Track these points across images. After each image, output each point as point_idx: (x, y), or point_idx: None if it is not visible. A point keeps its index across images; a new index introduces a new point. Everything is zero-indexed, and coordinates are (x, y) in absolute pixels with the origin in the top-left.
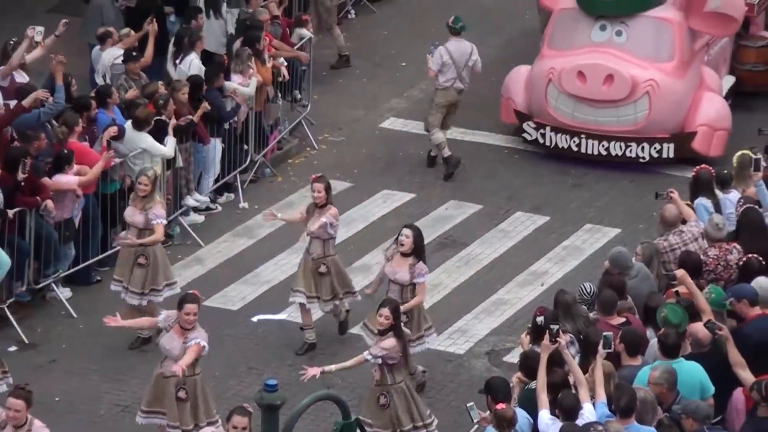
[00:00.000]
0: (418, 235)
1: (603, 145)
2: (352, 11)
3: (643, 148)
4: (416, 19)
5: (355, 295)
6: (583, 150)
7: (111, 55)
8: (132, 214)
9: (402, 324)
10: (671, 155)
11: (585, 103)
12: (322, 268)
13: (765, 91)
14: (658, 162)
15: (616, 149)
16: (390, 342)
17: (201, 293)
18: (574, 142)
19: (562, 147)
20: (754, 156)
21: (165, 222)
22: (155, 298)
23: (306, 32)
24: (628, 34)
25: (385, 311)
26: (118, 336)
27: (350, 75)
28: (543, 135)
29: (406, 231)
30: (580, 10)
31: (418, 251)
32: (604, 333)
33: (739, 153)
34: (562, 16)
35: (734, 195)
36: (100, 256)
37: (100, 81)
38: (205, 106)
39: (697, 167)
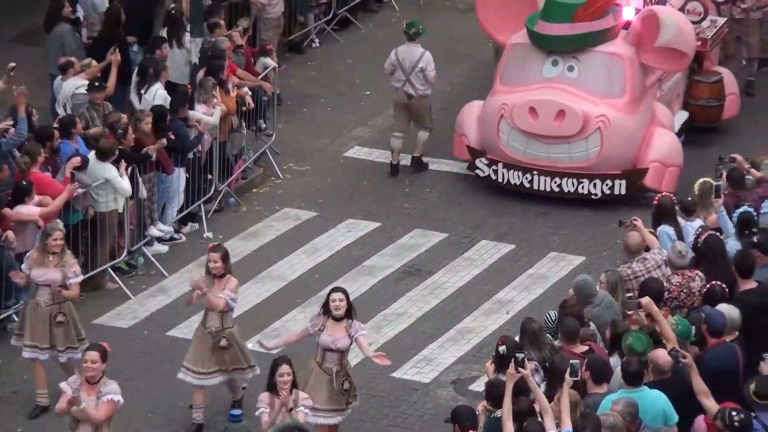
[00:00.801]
0: (348, 297)
1: (555, 182)
2: (316, 40)
3: (595, 184)
4: (380, 49)
5: (254, 369)
6: (535, 187)
7: (72, 85)
8: (44, 273)
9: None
10: (623, 192)
11: (537, 140)
12: (223, 342)
13: (718, 126)
14: (610, 199)
15: (568, 186)
16: None
17: (166, 323)
18: (527, 178)
19: (515, 183)
20: (714, 183)
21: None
22: (74, 355)
23: (270, 61)
24: (580, 69)
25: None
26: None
27: (314, 104)
28: (495, 171)
29: (338, 295)
30: (532, 45)
31: (350, 311)
32: (571, 361)
33: (701, 181)
34: (514, 52)
35: (697, 223)
36: None
37: (61, 111)
38: (162, 142)
39: (660, 195)
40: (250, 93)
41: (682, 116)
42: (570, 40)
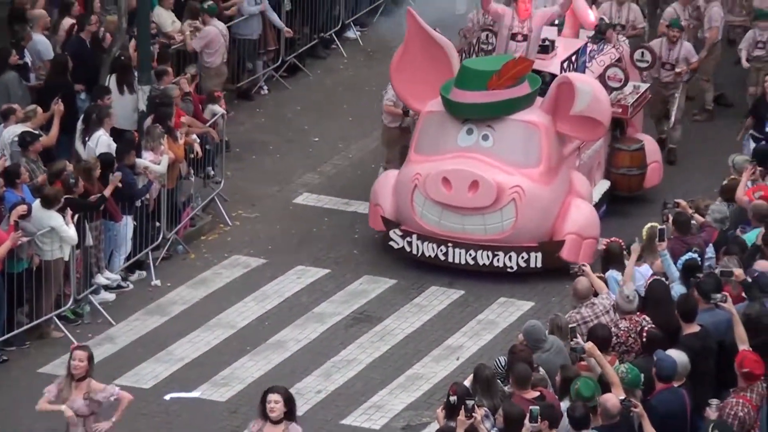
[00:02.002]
0: (289, 398)
1: (470, 254)
2: (265, 87)
3: (510, 257)
4: (328, 96)
5: None
6: (450, 259)
7: (12, 132)
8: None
9: None
10: (539, 265)
11: (451, 211)
12: None
13: (640, 195)
14: (527, 272)
15: (483, 258)
16: None
17: (113, 372)
18: (441, 250)
19: (429, 256)
20: (659, 227)
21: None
22: None
23: (218, 108)
24: (495, 138)
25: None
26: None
27: (263, 151)
28: (410, 243)
29: (274, 396)
30: (446, 113)
31: (290, 413)
32: (531, 407)
33: (648, 225)
34: (428, 120)
35: (645, 268)
36: (6, 336)
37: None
38: (116, 180)
39: (608, 240)
40: (198, 141)
41: (604, 185)
42: (484, 108)
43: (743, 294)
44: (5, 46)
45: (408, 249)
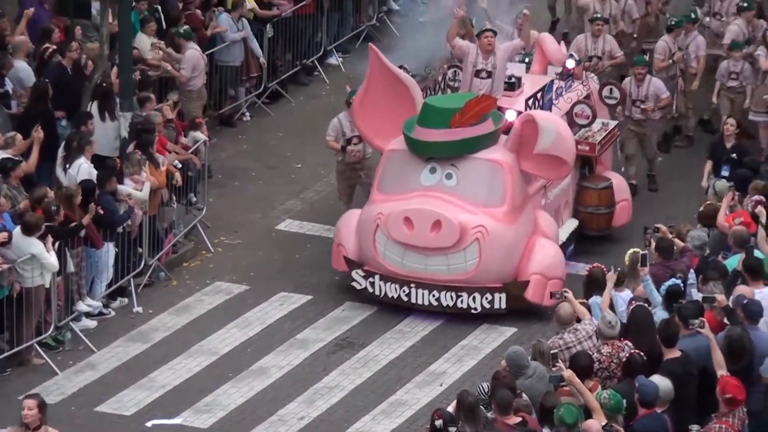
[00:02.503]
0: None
1: (433, 295)
2: (247, 113)
3: (474, 298)
4: (311, 122)
5: None
6: (413, 300)
7: None
8: None
9: None
10: (503, 306)
11: (414, 251)
12: None
13: (608, 234)
14: (491, 313)
15: (446, 299)
16: None
17: (94, 399)
18: (404, 291)
19: (392, 297)
20: (641, 252)
21: None
22: None
23: (200, 135)
24: (458, 177)
25: None
26: None
27: (246, 177)
28: (372, 284)
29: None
30: (409, 151)
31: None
32: None
33: (631, 251)
34: (391, 158)
35: (626, 293)
36: None
37: None
38: (92, 209)
39: (590, 266)
40: (180, 166)
41: (572, 224)
42: (447, 147)
43: (725, 320)
44: None
45: (370, 290)
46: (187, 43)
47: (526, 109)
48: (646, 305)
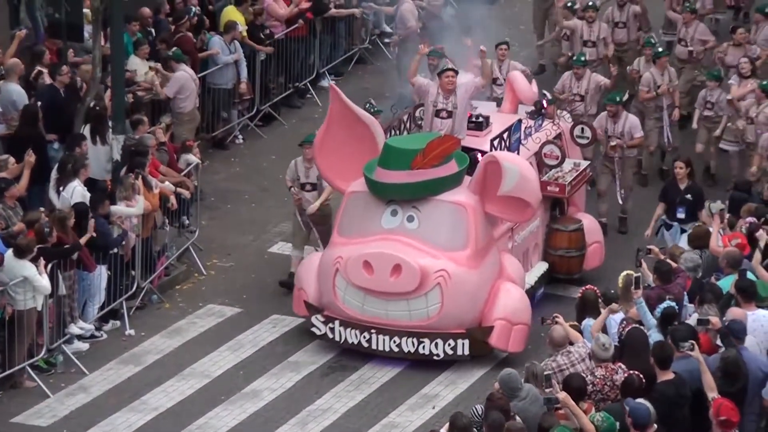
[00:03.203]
0: None
1: (394, 341)
2: (240, 136)
3: (436, 344)
4: None
5: None
6: (374, 346)
7: None
8: None
9: None
10: (466, 352)
11: (374, 296)
12: None
13: (580, 278)
14: (454, 359)
15: (408, 345)
16: None
17: (86, 422)
18: (365, 337)
19: (352, 343)
20: (635, 275)
21: None
22: None
23: (193, 158)
24: (420, 219)
25: None
26: None
27: (238, 200)
28: (332, 330)
29: None
30: (370, 194)
31: None
32: None
33: (624, 273)
34: (352, 200)
35: (619, 316)
36: None
37: None
38: (91, 226)
39: (583, 288)
40: (174, 189)
41: (541, 267)
42: (409, 189)
43: (719, 342)
44: None
45: (330, 336)
46: (178, 65)
47: (491, 150)
48: (641, 327)
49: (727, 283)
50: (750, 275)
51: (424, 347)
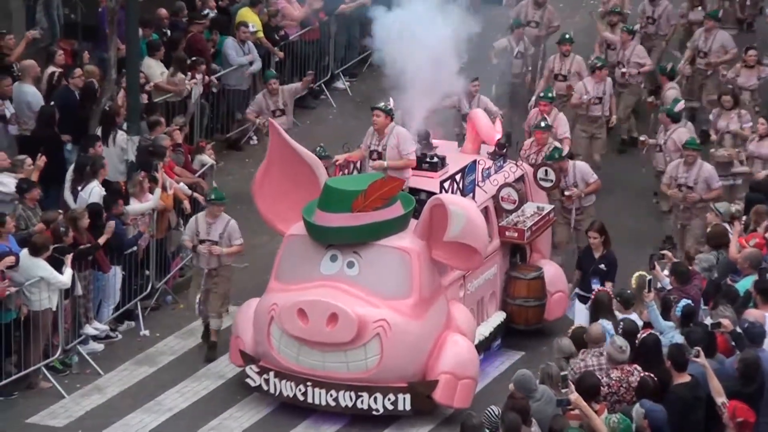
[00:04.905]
0: None
1: (331, 395)
2: (254, 137)
3: (375, 398)
4: (317, 145)
5: None
6: (309, 400)
7: None
8: None
9: None
10: (408, 408)
11: (310, 346)
12: None
13: (537, 329)
14: (395, 415)
15: (345, 399)
16: None
17: (101, 422)
18: (300, 390)
19: (287, 396)
20: (647, 277)
21: None
22: None
23: (207, 159)
24: (360, 265)
25: None
26: None
27: (252, 201)
28: (267, 381)
29: None
30: (309, 237)
31: None
32: None
33: (637, 274)
34: (290, 244)
35: (633, 316)
36: None
37: None
38: (110, 227)
39: (596, 289)
40: (190, 194)
41: (499, 317)
42: (349, 233)
43: (733, 344)
44: None
45: (265, 387)
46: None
47: (440, 192)
48: (657, 334)
49: (747, 283)
50: None
51: (362, 401)
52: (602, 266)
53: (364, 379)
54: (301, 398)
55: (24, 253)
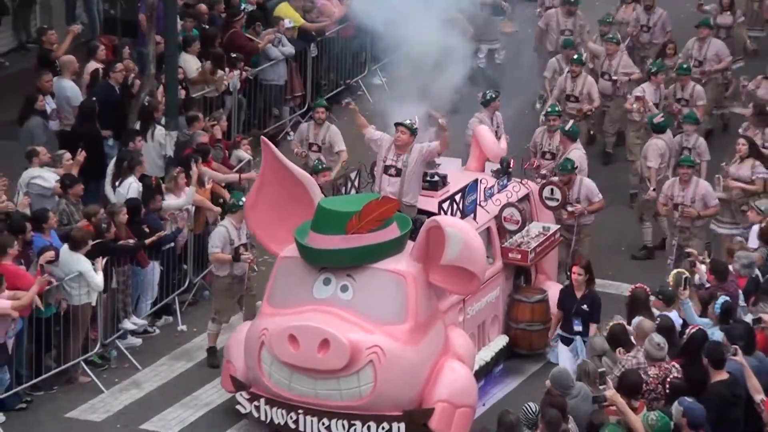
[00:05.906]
0: None
1: (323, 423)
2: (291, 133)
3: (369, 427)
4: (356, 141)
5: None
6: (300, 428)
7: (29, 174)
8: None
9: None
10: None
11: (302, 373)
12: None
13: (540, 352)
14: None
15: (338, 428)
16: None
17: (139, 417)
18: (291, 418)
19: (278, 423)
20: (684, 275)
21: None
22: None
23: (244, 154)
24: (355, 289)
25: None
26: None
27: None
28: (257, 408)
29: None
30: (302, 260)
31: None
32: None
33: (675, 271)
34: (283, 267)
35: (673, 314)
36: (34, 381)
37: (20, 199)
38: (161, 233)
39: (633, 286)
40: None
41: (501, 341)
42: (343, 255)
43: None
44: (32, 93)
45: (256, 414)
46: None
47: (439, 212)
48: (704, 329)
49: None
50: None
51: (355, 430)
52: (584, 307)
53: (357, 407)
54: (292, 426)
55: (64, 248)
